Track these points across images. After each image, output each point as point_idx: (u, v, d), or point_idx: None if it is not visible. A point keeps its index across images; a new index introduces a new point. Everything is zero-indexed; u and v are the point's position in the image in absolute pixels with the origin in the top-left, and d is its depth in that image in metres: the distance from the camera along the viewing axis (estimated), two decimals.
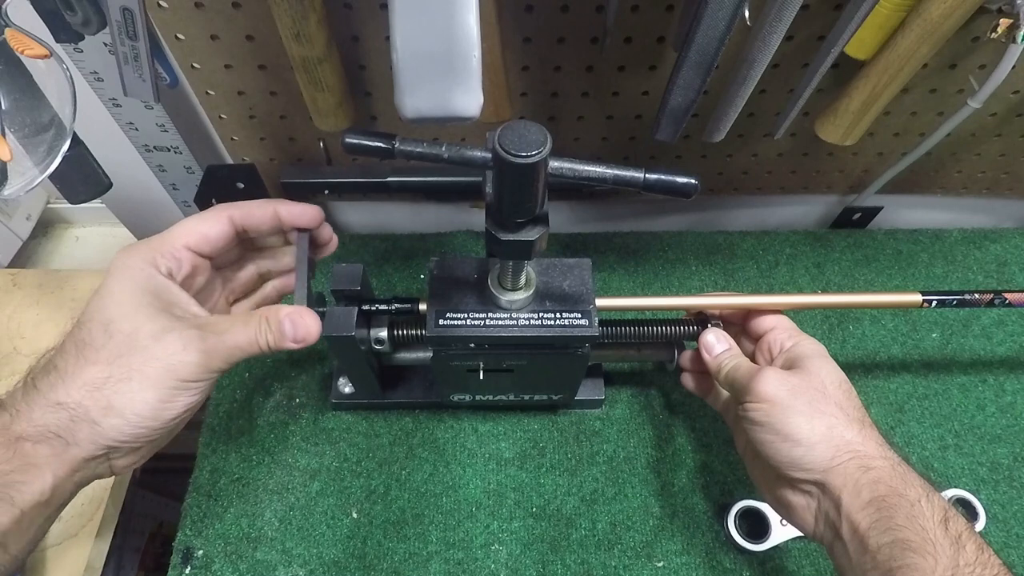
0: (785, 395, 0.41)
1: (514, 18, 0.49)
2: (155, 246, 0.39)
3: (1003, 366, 0.63)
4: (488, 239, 0.38)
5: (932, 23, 0.44)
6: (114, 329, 0.35)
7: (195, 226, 0.40)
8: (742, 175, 0.69)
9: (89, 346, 0.35)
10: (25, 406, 0.34)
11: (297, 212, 0.43)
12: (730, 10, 0.40)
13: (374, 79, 0.55)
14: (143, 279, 0.37)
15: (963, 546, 0.35)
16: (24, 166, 0.41)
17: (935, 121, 0.60)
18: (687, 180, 0.36)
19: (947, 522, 0.36)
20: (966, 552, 0.34)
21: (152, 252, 0.38)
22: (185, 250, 0.40)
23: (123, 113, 0.56)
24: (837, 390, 0.42)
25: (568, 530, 0.53)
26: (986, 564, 0.34)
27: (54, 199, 0.98)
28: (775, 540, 0.51)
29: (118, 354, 0.35)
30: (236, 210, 0.42)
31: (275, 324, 0.39)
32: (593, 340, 0.46)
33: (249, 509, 0.54)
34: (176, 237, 0.40)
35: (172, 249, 0.39)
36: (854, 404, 0.42)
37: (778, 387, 0.41)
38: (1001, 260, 0.71)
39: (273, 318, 0.39)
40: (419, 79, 0.37)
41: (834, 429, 0.40)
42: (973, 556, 0.34)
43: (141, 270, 0.38)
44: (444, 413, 0.59)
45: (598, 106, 0.58)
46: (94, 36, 0.46)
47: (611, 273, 0.69)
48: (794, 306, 0.50)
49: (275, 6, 0.44)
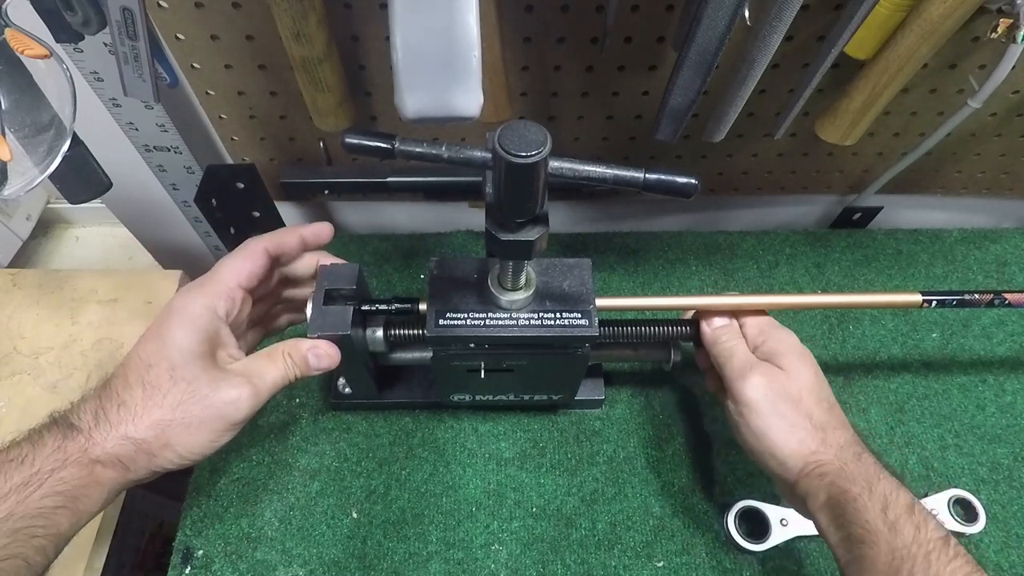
0: (764, 405, 0.44)
1: (514, 18, 0.49)
2: (213, 289, 0.42)
3: (1003, 366, 0.63)
4: (488, 239, 0.38)
5: (932, 23, 0.44)
6: (178, 376, 0.39)
7: (242, 264, 0.44)
8: (742, 175, 0.69)
9: (157, 390, 0.39)
10: (99, 435, 0.38)
11: (316, 230, 0.48)
12: (730, 10, 0.40)
13: (374, 79, 0.55)
14: (204, 324, 0.41)
15: (899, 531, 0.37)
16: (24, 166, 0.41)
17: (935, 121, 0.60)
18: (687, 180, 0.36)
19: (886, 511, 0.38)
20: (903, 535, 0.37)
21: (212, 296, 0.42)
22: (239, 289, 0.43)
23: (123, 113, 0.56)
24: (809, 395, 0.44)
25: (568, 530, 0.53)
26: (922, 543, 0.36)
27: (54, 199, 0.99)
28: (775, 540, 0.51)
29: (180, 401, 0.39)
30: (268, 241, 0.45)
31: (299, 359, 0.44)
32: (593, 340, 0.46)
33: (249, 509, 0.54)
34: (229, 277, 0.43)
35: (228, 290, 0.43)
36: (822, 406, 0.45)
37: (760, 396, 0.44)
38: (1001, 260, 0.71)
39: (296, 354, 0.44)
40: (419, 79, 0.37)
41: (803, 443, 0.43)
42: (910, 537, 0.37)
43: (202, 315, 0.41)
44: (444, 413, 0.59)
45: (598, 106, 0.58)
46: (94, 36, 0.46)
47: (611, 273, 0.69)
48: (794, 306, 0.50)
49: (275, 6, 0.44)
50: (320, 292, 0.46)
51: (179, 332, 0.40)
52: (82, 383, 0.60)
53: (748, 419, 0.44)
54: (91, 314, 0.64)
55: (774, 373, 0.45)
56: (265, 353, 0.44)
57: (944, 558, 0.35)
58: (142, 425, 0.38)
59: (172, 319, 0.41)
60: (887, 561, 0.36)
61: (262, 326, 0.51)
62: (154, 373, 0.39)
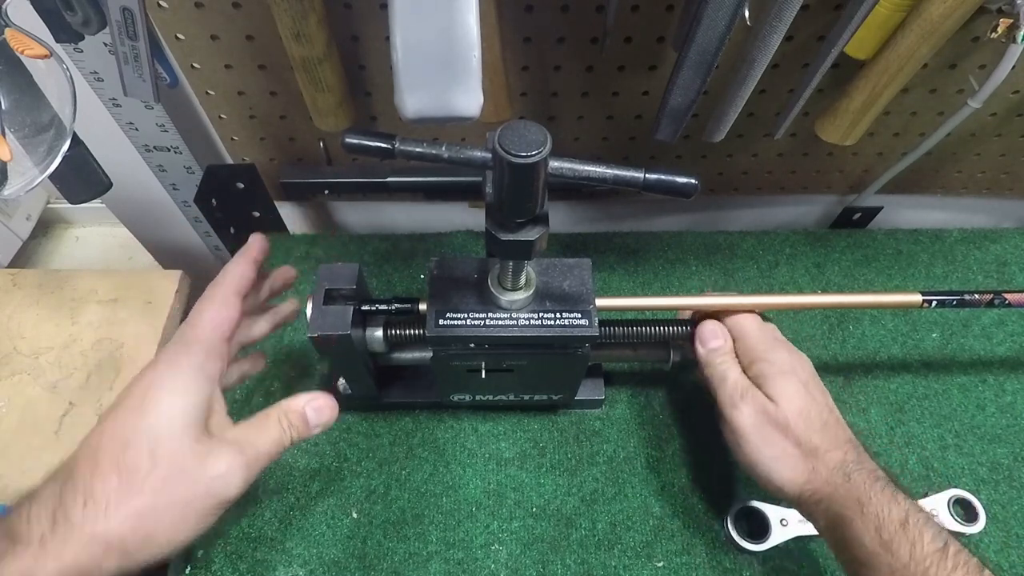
0: (755, 437, 0.44)
1: (514, 18, 0.49)
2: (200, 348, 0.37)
3: (1003, 366, 0.63)
4: (488, 239, 0.38)
5: (932, 23, 0.44)
6: (159, 454, 0.34)
7: (223, 315, 0.39)
8: (742, 175, 0.69)
9: (136, 473, 0.33)
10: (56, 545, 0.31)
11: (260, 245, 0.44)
12: (730, 10, 0.40)
13: (374, 79, 0.55)
14: (195, 389, 0.36)
15: (895, 552, 0.37)
16: (24, 166, 0.41)
17: (935, 121, 0.60)
18: (687, 180, 0.36)
19: (880, 531, 0.38)
20: (900, 556, 0.37)
21: (200, 356, 0.37)
22: (224, 343, 0.39)
23: (123, 113, 0.56)
24: (799, 420, 0.44)
25: (568, 530, 0.53)
26: (919, 560, 0.36)
27: (54, 199, 0.99)
28: (775, 540, 0.51)
29: (163, 480, 0.33)
30: (233, 283, 0.41)
31: (297, 419, 0.40)
32: (593, 340, 0.46)
33: (249, 509, 0.54)
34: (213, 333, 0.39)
35: (215, 347, 0.38)
36: (813, 428, 0.44)
37: (750, 427, 0.44)
38: (1001, 260, 0.71)
39: (292, 414, 0.40)
40: (419, 79, 0.37)
41: (795, 470, 0.43)
42: (907, 556, 0.37)
43: (193, 379, 0.36)
44: (444, 413, 0.59)
45: (598, 106, 0.58)
46: (94, 36, 0.46)
47: (611, 273, 0.69)
48: (794, 306, 0.50)
49: (275, 6, 0.44)
50: (320, 292, 0.46)
51: (167, 400, 0.35)
52: (82, 383, 0.60)
53: (740, 447, 0.45)
54: (91, 314, 0.64)
55: (762, 403, 0.45)
56: (256, 420, 0.39)
57: (943, 572, 0.36)
58: (116, 519, 0.32)
59: (157, 385, 0.35)
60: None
61: None
62: (132, 454, 0.33)
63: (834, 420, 0.45)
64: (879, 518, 0.38)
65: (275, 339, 0.63)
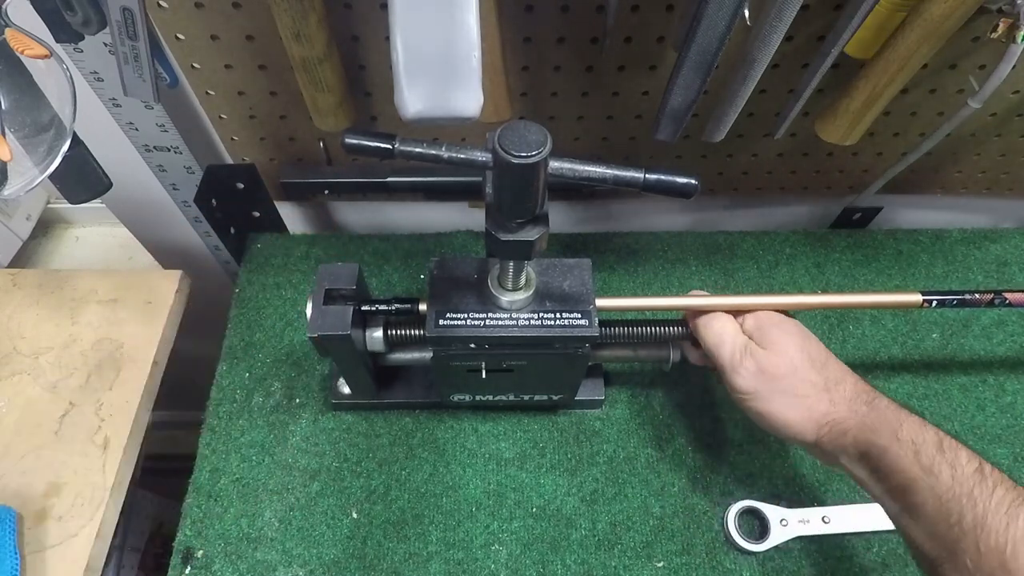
0: (762, 390, 0.44)
1: (514, 18, 0.49)
2: None
3: (1003, 366, 0.63)
4: (488, 239, 0.38)
5: (932, 23, 0.44)
6: None
7: None
8: (742, 175, 0.69)
9: None
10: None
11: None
12: (730, 10, 0.40)
13: (374, 79, 0.55)
14: None
15: (937, 475, 0.37)
16: (24, 166, 0.41)
17: (935, 121, 0.60)
18: (687, 180, 0.36)
19: (919, 456, 0.38)
20: (942, 478, 0.37)
21: None
22: None
23: (123, 113, 0.56)
24: (803, 361, 0.44)
25: (568, 530, 0.53)
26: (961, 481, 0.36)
27: (54, 199, 0.98)
28: (775, 540, 0.51)
29: None
30: None
31: None
32: (593, 340, 0.46)
33: (249, 509, 0.54)
34: None
35: None
36: (817, 366, 0.44)
37: (755, 383, 0.45)
38: (1001, 260, 0.71)
39: None
40: (419, 79, 0.37)
41: (811, 410, 0.43)
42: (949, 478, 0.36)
43: None
44: (444, 413, 0.59)
45: (598, 106, 0.58)
46: (94, 36, 0.46)
47: (611, 273, 0.69)
48: (794, 306, 0.50)
49: (275, 6, 0.44)
50: (320, 292, 0.46)
51: None
52: (82, 383, 0.60)
53: (749, 405, 0.45)
54: (91, 314, 0.64)
55: (761, 355, 0.45)
56: None
57: (985, 492, 0.36)
58: None
59: None
60: (935, 507, 0.36)
61: None
62: None
63: (832, 357, 0.46)
64: (915, 443, 0.38)
65: (275, 339, 0.63)
